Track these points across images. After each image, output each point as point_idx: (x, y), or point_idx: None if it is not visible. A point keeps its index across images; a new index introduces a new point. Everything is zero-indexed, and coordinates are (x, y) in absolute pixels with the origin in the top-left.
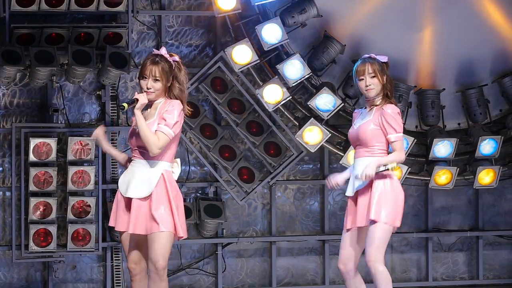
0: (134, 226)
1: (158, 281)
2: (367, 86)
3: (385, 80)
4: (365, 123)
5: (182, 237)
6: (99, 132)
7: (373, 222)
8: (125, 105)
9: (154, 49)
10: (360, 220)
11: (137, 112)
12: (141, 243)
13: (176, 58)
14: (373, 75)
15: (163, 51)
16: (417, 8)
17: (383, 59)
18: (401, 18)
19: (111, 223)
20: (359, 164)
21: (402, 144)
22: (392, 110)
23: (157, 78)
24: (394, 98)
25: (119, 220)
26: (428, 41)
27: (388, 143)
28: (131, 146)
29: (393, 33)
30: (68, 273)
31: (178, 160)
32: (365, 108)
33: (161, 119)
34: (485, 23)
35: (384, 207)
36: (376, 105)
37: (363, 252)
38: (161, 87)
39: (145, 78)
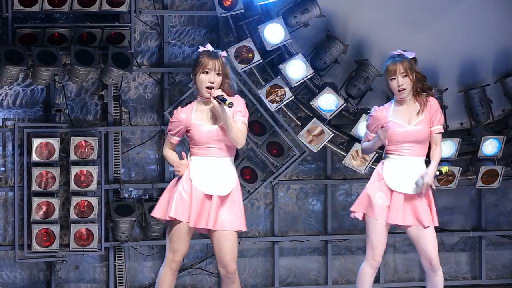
0: (215, 223)
1: (230, 283)
2: (399, 85)
3: (414, 77)
4: (422, 123)
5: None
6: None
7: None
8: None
9: (200, 46)
10: (426, 220)
11: (227, 108)
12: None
13: (224, 53)
14: (404, 74)
15: (210, 47)
16: (420, 8)
17: (411, 55)
18: (404, 18)
19: (171, 214)
20: (418, 164)
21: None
22: (434, 102)
23: (219, 72)
24: (431, 90)
25: (184, 213)
26: (430, 41)
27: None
28: (201, 145)
29: (395, 33)
30: (70, 273)
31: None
32: (393, 104)
33: (236, 112)
34: (487, 23)
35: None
36: (419, 99)
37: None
38: (220, 81)
39: (207, 72)
